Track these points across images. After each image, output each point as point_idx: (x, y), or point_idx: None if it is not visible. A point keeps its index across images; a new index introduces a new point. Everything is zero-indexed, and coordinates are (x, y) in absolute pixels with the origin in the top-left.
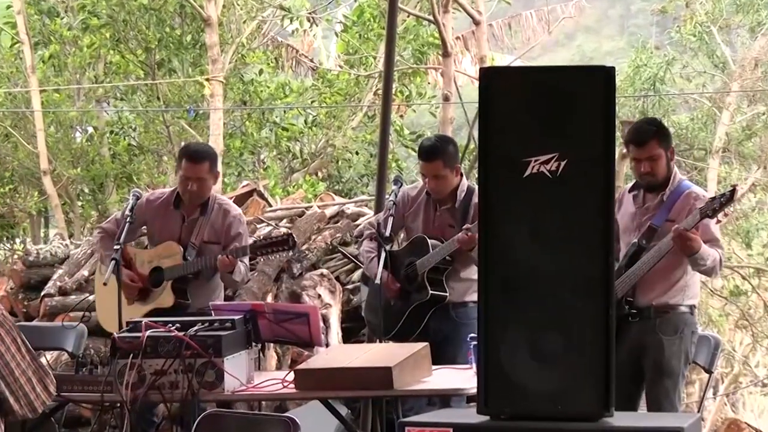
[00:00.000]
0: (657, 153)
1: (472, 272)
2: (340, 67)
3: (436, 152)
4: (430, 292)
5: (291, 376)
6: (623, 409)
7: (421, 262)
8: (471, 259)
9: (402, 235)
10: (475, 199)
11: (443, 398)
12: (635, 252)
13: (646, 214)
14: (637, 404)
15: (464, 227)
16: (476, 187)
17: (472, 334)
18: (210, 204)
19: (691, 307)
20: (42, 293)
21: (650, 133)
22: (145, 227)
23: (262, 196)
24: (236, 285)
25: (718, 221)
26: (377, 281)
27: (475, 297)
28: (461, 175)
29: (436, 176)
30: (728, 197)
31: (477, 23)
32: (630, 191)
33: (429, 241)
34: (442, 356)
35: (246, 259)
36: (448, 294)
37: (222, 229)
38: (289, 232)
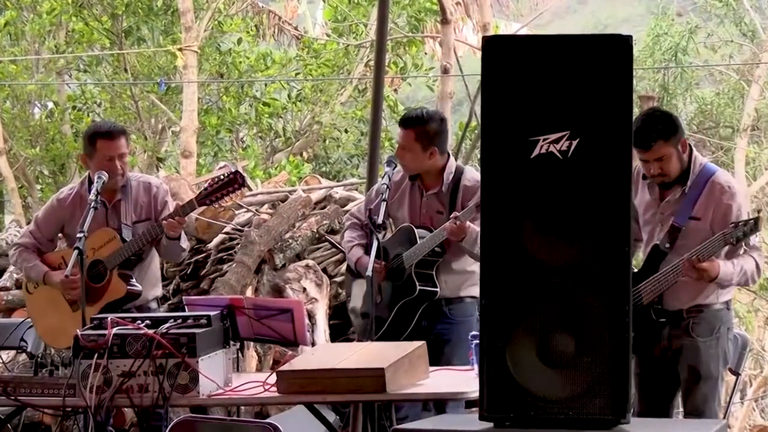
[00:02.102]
0: (666, 153)
1: (467, 263)
2: (328, 35)
3: (412, 121)
4: (419, 287)
5: (273, 378)
6: (656, 417)
7: (408, 255)
8: (464, 250)
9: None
10: (465, 181)
11: (438, 403)
12: (657, 256)
13: (668, 209)
14: (672, 411)
15: (452, 215)
16: (466, 168)
17: (474, 332)
18: (127, 182)
19: (727, 303)
20: None
21: (654, 134)
22: (60, 234)
23: None
24: (181, 256)
25: (745, 251)
26: (368, 273)
27: (471, 291)
28: (448, 155)
29: (403, 147)
30: (752, 227)
31: None
32: (644, 177)
33: (416, 230)
34: (436, 358)
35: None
36: (438, 289)
37: (149, 202)
38: (236, 168)
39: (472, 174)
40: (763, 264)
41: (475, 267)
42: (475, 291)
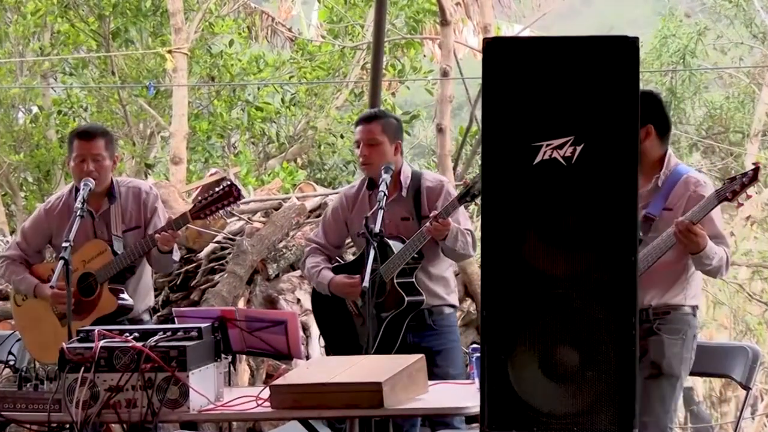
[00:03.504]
0: None
1: (443, 268)
2: (323, 37)
3: (375, 115)
4: (407, 299)
5: (266, 392)
6: None
7: (387, 267)
8: (438, 252)
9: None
10: (427, 183)
11: (435, 419)
12: None
13: (639, 202)
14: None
15: (432, 214)
16: (424, 171)
17: (474, 345)
18: (115, 189)
19: (694, 308)
20: None
21: None
22: (49, 245)
23: None
24: (172, 267)
25: (740, 204)
26: (365, 284)
27: (451, 300)
28: (401, 155)
29: (370, 143)
30: (750, 176)
31: None
32: None
33: (389, 241)
34: (429, 372)
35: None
36: (424, 297)
37: (138, 210)
38: (231, 181)
39: (432, 175)
40: (730, 259)
41: (450, 272)
42: (454, 299)
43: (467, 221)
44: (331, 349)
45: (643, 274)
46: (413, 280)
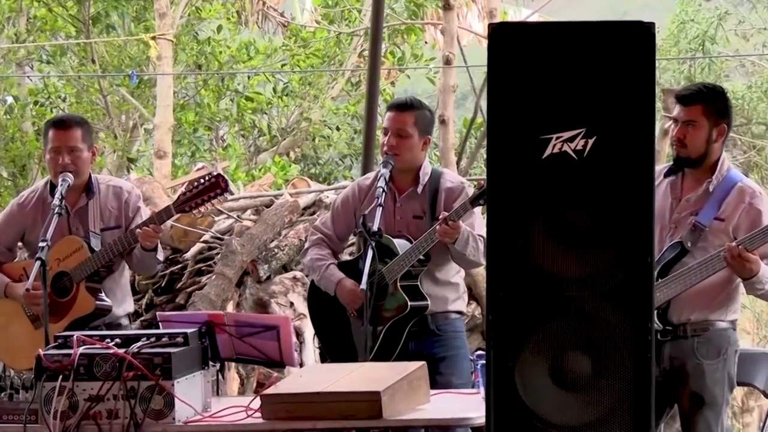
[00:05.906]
0: (698, 120)
1: (450, 273)
2: (317, 22)
3: (409, 104)
4: (410, 304)
5: (257, 402)
6: None
7: (390, 269)
8: (447, 257)
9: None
10: (447, 183)
11: (441, 430)
12: (677, 255)
13: (687, 209)
14: None
15: (441, 216)
16: (445, 170)
17: (479, 351)
18: (93, 184)
19: (733, 322)
20: None
21: (698, 95)
22: (20, 243)
23: None
24: (156, 268)
25: None
26: (363, 286)
27: (458, 306)
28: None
29: (399, 133)
30: None
31: None
32: (666, 175)
33: (394, 240)
34: (432, 380)
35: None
36: (429, 302)
37: (120, 209)
38: (217, 172)
39: (453, 176)
40: None
41: (459, 278)
42: (461, 305)
43: (483, 228)
44: (326, 351)
45: (683, 292)
46: (417, 283)
